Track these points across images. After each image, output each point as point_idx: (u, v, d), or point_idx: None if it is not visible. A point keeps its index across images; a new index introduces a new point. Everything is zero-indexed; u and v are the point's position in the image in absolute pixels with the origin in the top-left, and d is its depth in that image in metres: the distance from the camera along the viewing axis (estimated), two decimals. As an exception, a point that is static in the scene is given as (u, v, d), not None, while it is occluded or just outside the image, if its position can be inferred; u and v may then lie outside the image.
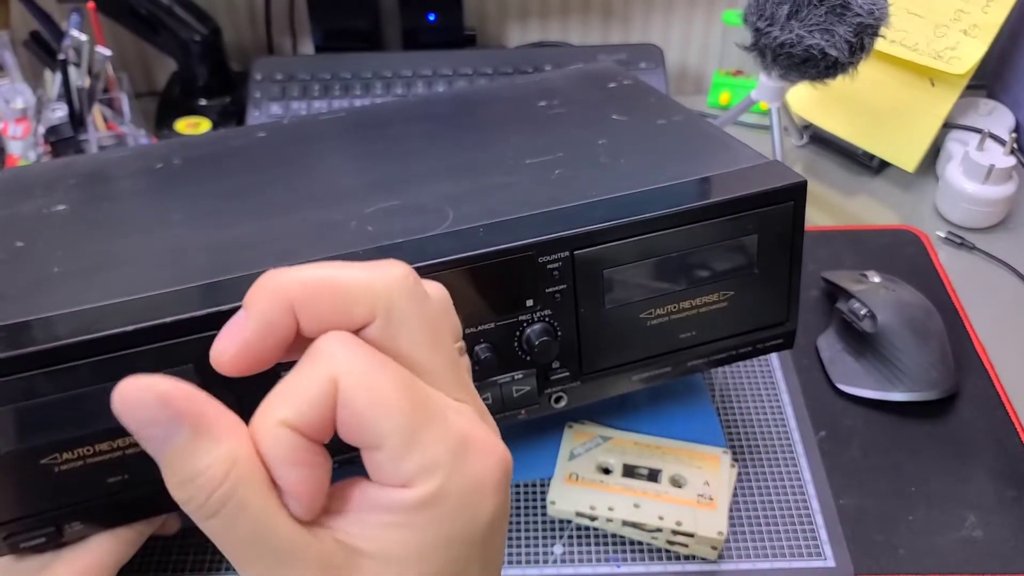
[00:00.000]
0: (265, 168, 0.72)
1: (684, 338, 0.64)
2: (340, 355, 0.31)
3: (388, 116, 0.80)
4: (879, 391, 0.80)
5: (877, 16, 0.87)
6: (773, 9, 0.88)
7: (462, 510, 0.32)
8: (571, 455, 0.73)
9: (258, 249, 0.58)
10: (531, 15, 1.31)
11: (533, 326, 0.59)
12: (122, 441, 0.53)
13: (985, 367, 0.84)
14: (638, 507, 0.69)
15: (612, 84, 0.82)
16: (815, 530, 0.71)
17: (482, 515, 0.33)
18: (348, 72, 1.17)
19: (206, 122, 1.18)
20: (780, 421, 0.79)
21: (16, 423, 0.51)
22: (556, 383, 0.63)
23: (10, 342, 0.50)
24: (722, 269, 0.62)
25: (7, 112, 1.02)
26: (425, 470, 0.32)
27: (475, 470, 0.33)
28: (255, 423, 0.32)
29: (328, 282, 0.32)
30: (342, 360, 0.31)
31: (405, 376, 0.32)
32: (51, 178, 0.73)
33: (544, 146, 0.70)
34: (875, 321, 0.80)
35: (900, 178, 1.11)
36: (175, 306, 0.52)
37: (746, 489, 0.74)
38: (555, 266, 0.58)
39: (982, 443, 0.78)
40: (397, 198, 0.64)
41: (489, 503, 0.33)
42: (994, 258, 0.99)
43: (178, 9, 1.16)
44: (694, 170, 0.63)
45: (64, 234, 0.64)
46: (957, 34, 1.03)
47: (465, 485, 0.32)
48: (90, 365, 0.50)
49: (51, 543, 0.56)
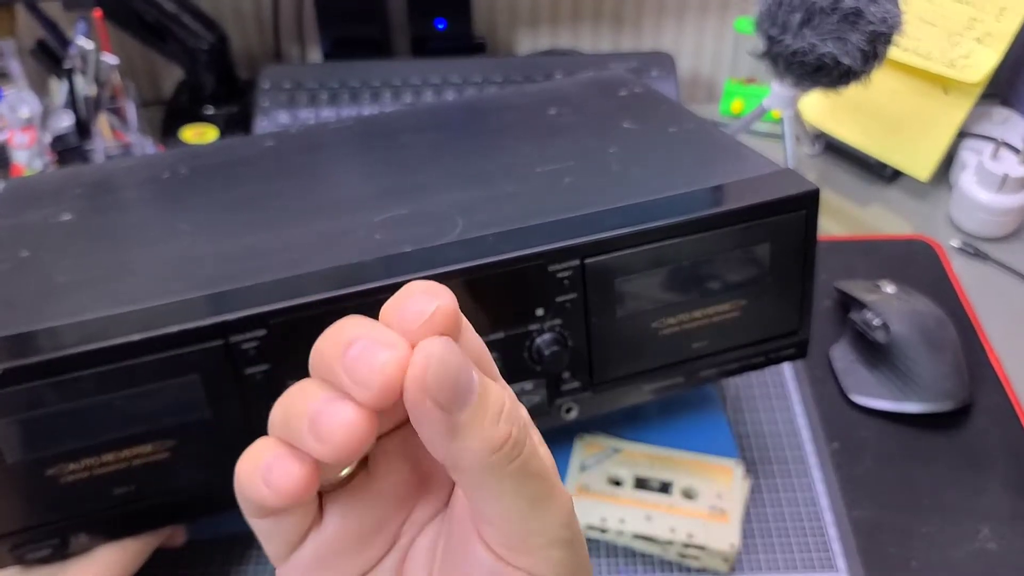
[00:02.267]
0: (273, 177, 0.72)
1: (696, 348, 0.64)
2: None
3: (397, 125, 0.80)
4: (892, 402, 0.79)
5: (890, 24, 0.87)
6: (786, 17, 0.87)
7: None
8: (582, 467, 0.72)
9: (265, 258, 0.58)
10: (541, 22, 1.31)
11: (543, 336, 0.59)
12: (128, 452, 0.53)
13: (999, 378, 0.83)
14: (650, 519, 0.68)
15: (623, 92, 0.81)
16: (828, 542, 0.70)
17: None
18: (357, 80, 1.16)
19: (213, 131, 1.18)
20: (793, 432, 0.78)
21: (22, 433, 0.51)
22: (567, 394, 0.62)
23: (16, 352, 0.50)
24: (734, 278, 0.62)
25: (13, 121, 1.02)
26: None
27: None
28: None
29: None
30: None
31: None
32: (57, 187, 0.73)
33: (555, 154, 0.69)
34: (888, 332, 0.80)
35: (913, 187, 1.10)
36: (182, 316, 0.51)
37: (758, 501, 0.73)
38: (566, 275, 0.57)
39: (996, 455, 0.77)
40: (406, 207, 0.63)
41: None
42: (1008, 268, 0.98)
43: (185, 17, 1.16)
44: (706, 178, 0.63)
45: (70, 244, 0.64)
46: (970, 42, 1.02)
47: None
48: (96, 375, 0.50)
49: (57, 554, 0.56)
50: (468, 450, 0.30)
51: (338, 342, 0.30)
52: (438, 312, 0.30)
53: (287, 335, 0.53)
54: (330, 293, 0.52)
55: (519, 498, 0.32)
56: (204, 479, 0.56)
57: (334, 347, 0.30)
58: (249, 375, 0.53)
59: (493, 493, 0.32)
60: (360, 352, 0.29)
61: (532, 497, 0.33)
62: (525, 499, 0.32)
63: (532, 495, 0.33)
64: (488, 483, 0.32)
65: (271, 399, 0.34)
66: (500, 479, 0.31)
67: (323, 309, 0.52)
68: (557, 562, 0.34)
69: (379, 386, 0.29)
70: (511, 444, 0.31)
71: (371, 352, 0.29)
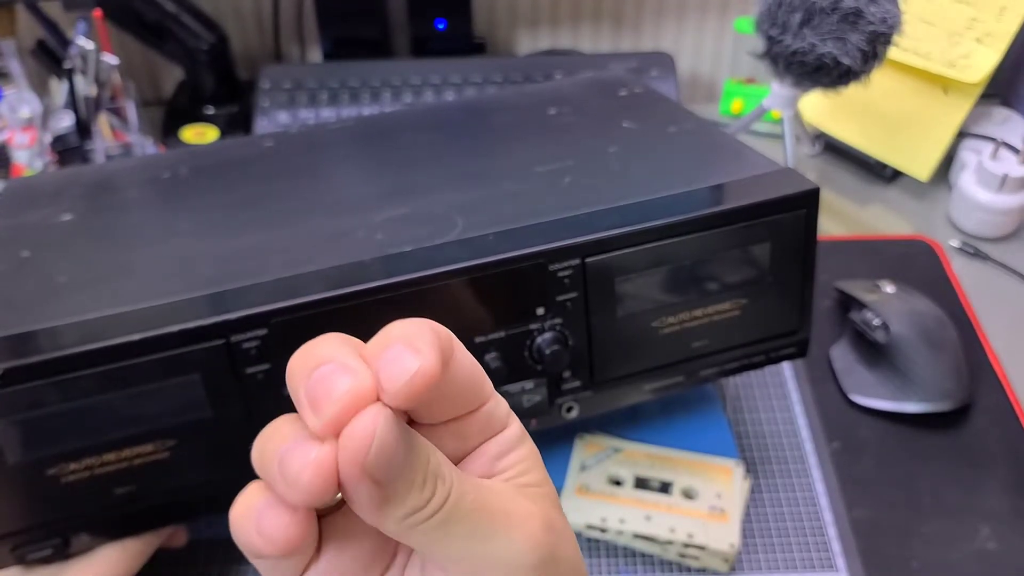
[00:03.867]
0: (273, 177, 0.72)
1: (696, 347, 0.64)
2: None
3: (397, 125, 0.80)
4: (892, 402, 0.79)
5: (890, 24, 0.87)
6: (786, 17, 0.87)
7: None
8: (582, 467, 0.72)
9: (266, 258, 0.58)
10: (541, 23, 1.31)
11: (544, 335, 0.59)
12: (129, 452, 0.53)
13: (999, 378, 0.83)
14: (649, 519, 0.68)
15: (623, 92, 0.81)
16: (827, 542, 0.70)
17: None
18: (357, 80, 1.16)
19: (213, 131, 1.18)
20: (793, 432, 0.78)
21: (23, 433, 0.51)
22: (567, 393, 0.62)
23: (16, 352, 0.50)
24: (734, 277, 0.62)
25: (13, 121, 1.02)
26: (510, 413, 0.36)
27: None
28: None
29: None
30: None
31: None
32: (57, 188, 0.73)
33: (554, 154, 0.69)
34: (888, 331, 0.80)
35: (913, 187, 1.10)
36: (182, 315, 0.51)
37: (758, 501, 0.73)
38: (566, 274, 0.57)
39: (996, 454, 0.77)
40: (406, 207, 0.63)
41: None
42: (1008, 268, 0.98)
43: (185, 17, 1.16)
44: (706, 178, 0.63)
45: (70, 244, 0.64)
46: (970, 42, 1.02)
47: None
48: (97, 375, 0.50)
49: (58, 554, 0.56)
50: (391, 518, 0.30)
51: (306, 363, 0.29)
52: (418, 375, 0.29)
53: (288, 335, 0.53)
54: (331, 292, 0.52)
55: (459, 539, 0.32)
56: (205, 479, 0.56)
57: (301, 367, 0.29)
58: (250, 375, 0.53)
59: (428, 543, 0.31)
60: (324, 374, 0.29)
61: (471, 535, 0.32)
62: (464, 539, 0.32)
63: (470, 534, 0.32)
64: (419, 537, 0.31)
65: (272, 399, 0.34)
66: (427, 532, 0.31)
67: (324, 309, 0.53)
68: None
69: (334, 416, 0.28)
70: (434, 502, 0.31)
71: (333, 378, 0.29)
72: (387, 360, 0.29)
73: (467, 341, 0.57)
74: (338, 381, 0.28)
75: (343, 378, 0.28)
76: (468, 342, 0.57)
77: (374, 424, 0.28)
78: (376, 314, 0.54)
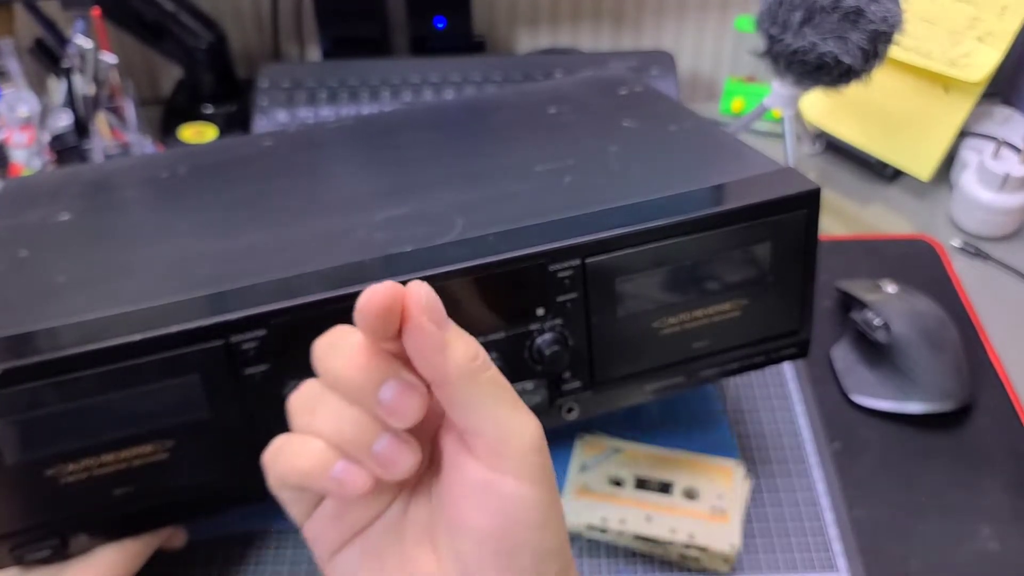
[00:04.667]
0: (272, 177, 0.72)
1: (697, 348, 0.64)
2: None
3: (396, 124, 0.80)
4: (893, 402, 0.79)
5: (891, 23, 0.87)
6: (787, 16, 0.87)
7: None
8: (582, 467, 0.72)
9: (265, 258, 0.58)
10: (541, 21, 1.31)
11: (544, 335, 0.59)
12: (128, 452, 0.53)
13: (1000, 378, 0.83)
14: (650, 520, 0.68)
15: (623, 91, 0.81)
16: (828, 542, 0.70)
17: None
18: (356, 79, 1.16)
19: (212, 130, 1.18)
20: (793, 432, 0.78)
21: (22, 434, 0.51)
22: (567, 393, 0.62)
23: (15, 352, 0.50)
24: (735, 278, 0.62)
25: (11, 120, 1.02)
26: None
27: None
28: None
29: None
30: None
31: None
32: (56, 187, 0.73)
33: (554, 153, 0.69)
34: (889, 331, 0.80)
35: (914, 187, 1.10)
36: (181, 316, 0.51)
37: (759, 501, 0.73)
38: (566, 274, 0.57)
39: (997, 454, 0.77)
40: (406, 206, 0.63)
41: None
42: (1009, 268, 0.98)
43: (184, 16, 1.16)
44: (706, 177, 0.63)
45: (69, 244, 0.64)
46: (972, 41, 1.02)
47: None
48: (95, 375, 0.50)
49: (57, 555, 0.56)
50: (453, 361, 0.39)
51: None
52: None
53: (287, 335, 0.52)
54: (330, 293, 0.52)
55: (498, 403, 0.40)
56: (204, 479, 0.56)
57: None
58: (249, 375, 0.53)
59: (476, 400, 0.40)
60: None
61: (508, 403, 0.41)
62: (502, 404, 0.41)
63: (507, 401, 0.41)
64: (471, 390, 0.40)
65: (271, 399, 0.34)
66: (480, 386, 0.40)
67: (323, 309, 0.52)
68: (536, 464, 0.41)
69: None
70: (482, 357, 0.40)
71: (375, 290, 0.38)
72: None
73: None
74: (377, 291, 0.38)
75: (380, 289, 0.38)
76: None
77: (422, 285, 0.38)
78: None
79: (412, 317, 0.38)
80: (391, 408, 0.39)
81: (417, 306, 0.38)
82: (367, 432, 0.40)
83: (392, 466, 0.40)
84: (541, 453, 0.41)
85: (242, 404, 0.54)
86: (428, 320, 0.38)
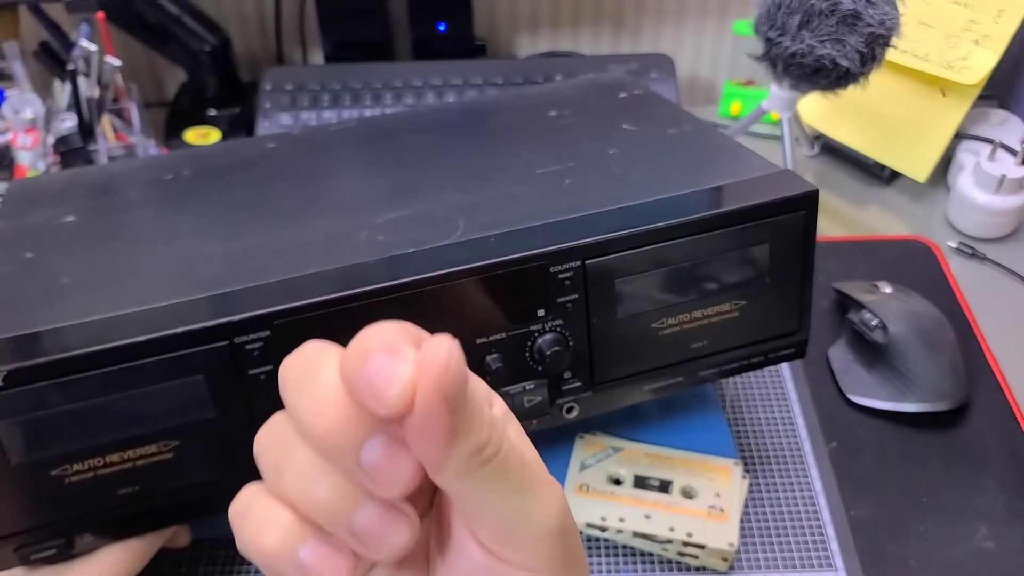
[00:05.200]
0: (275, 179, 0.72)
1: (696, 348, 0.64)
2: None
3: (398, 126, 0.80)
4: (890, 402, 0.80)
5: (888, 26, 0.87)
6: (784, 19, 0.88)
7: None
8: (582, 466, 0.73)
9: (269, 259, 0.58)
10: (541, 25, 1.31)
11: (544, 336, 0.59)
12: (133, 452, 0.53)
13: (996, 378, 0.84)
14: (649, 518, 0.68)
15: (623, 94, 0.82)
16: (826, 541, 0.70)
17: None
18: (358, 82, 1.17)
19: (216, 132, 1.18)
20: (791, 432, 0.79)
21: (27, 434, 0.51)
22: (568, 393, 0.63)
23: (20, 353, 0.50)
24: (734, 279, 0.62)
25: (16, 122, 1.03)
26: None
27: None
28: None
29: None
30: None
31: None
32: (60, 189, 0.73)
33: (555, 156, 0.69)
34: (886, 332, 0.80)
35: (911, 188, 1.11)
36: (186, 317, 0.52)
37: (757, 500, 0.73)
38: (567, 276, 0.57)
39: (994, 454, 0.77)
40: (408, 208, 0.63)
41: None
42: (1005, 269, 0.98)
43: (188, 19, 1.16)
44: (705, 180, 0.63)
45: (74, 245, 0.64)
46: (968, 44, 1.02)
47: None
48: (100, 376, 0.50)
49: (62, 555, 0.56)
50: (456, 456, 0.30)
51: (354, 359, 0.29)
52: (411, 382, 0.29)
53: (291, 336, 0.53)
54: (334, 294, 0.53)
55: (504, 492, 0.33)
56: (208, 479, 0.56)
57: (352, 364, 0.30)
58: (253, 376, 0.53)
59: (480, 491, 0.32)
60: (379, 365, 0.29)
61: (516, 489, 0.33)
62: (510, 492, 0.33)
63: (515, 487, 0.33)
64: (474, 482, 0.32)
65: (275, 400, 0.34)
66: (484, 476, 0.31)
67: (327, 310, 0.53)
68: (548, 553, 0.34)
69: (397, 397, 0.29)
70: (493, 442, 0.31)
71: (390, 364, 0.29)
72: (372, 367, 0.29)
73: (469, 342, 0.58)
74: (397, 366, 0.29)
75: (399, 365, 0.29)
76: (469, 343, 0.58)
77: (450, 347, 0.28)
78: (378, 315, 0.54)
79: (425, 404, 0.29)
80: (375, 473, 0.30)
81: (436, 391, 0.28)
82: (346, 500, 0.32)
83: (378, 545, 0.32)
84: (560, 536, 0.35)
85: (246, 405, 0.54)
86: (447, 409, 0.29)
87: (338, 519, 0.32)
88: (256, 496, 0.34)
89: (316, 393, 0.31)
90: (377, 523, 0.32)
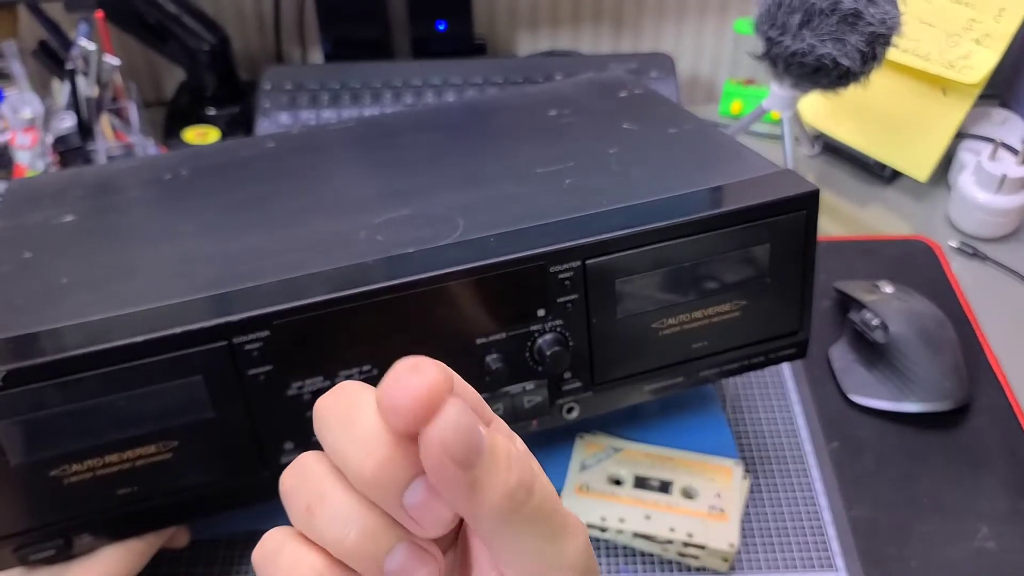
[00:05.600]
0: (274, 178, 0.72)
1: (696, 348, 0.64)
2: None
3: (398, 126, 0.80)
4: (891, 402, 0.79)
5: (889, 25, 0.87)
6: (785, 18, 0.87)
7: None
8: (582, 466, 0.72)
9: (267, 259, 0.58)
10: (541, 24, 1.31)
11: (545, 336, 0.59)
12: (132, 453, 0.53)
13: (998, 378, 0.84)
14: (649, 519, 0.68)
15: (623, 93, 0.82)
16: (827, 542, 0.70)
17: None
18: (358, 81, 1.16)
19: (215, 131, 1.18)
20: (792, 432, 0.78)
21: (26, 434, 0.51)
22: (568, 394, 0.63)
23: (19, 353, 0.50)
24: (734, 279, 0.62)
25: (15, 122, 1.02)
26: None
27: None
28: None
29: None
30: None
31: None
32: (59, 189, 0.73)
33: (555, 155, 0.69)
34: (887, 332, 0.80)
35: (912, 188, 1.11)
36: (185, 317, 0.52)
37: (758, 500, 0.73)
38: (567, 276, 0.57)
39: (995, 454, 0.77)
40: (407, 208, 0.63)
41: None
42: (1007, 268, 0.98)
43: (186, 18, 1.16)
44: (706, 179, 0.63)
45: (73, 245, 0.64)
46: (969, 43, 1.02)
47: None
48: (99, 376, 0.50)
49: (61, 555, 0.56)
50: (487, 503, 0.30)
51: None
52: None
53: (290, 336, 0.53)
54: (332, 294, 0.53)
55: (537, 537, 0.32)
56: (207, 479, 0.56)
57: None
58: (252, 376, 0.53)
59: (512, 536, 0.32)
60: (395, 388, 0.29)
61: (549, 534, 0.33)
62: (543, 537, 0.33)
63: (549, 532, 0.33)
64: (506, 529, 0.32)
65: (274, 400, 0.34)
66: (518, 523, 0.31)
67: (326, 310, 0.53)
68: None
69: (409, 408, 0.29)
70: (524, 489, 0.31)
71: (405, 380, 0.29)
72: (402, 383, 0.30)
73: (468, 342, 0.58)
74: (411, 379, 0.29)
75: (414, 377, 0.29)
76: (469, 343, 0.58)
77: (449, 410, 0.29)
78: (378, 316, 0.54)
79: (433, 467, 0.29)
80: (419, 516, 0.31)
81: (439, 458, 0.29)
82: (379, 542, 0.32)
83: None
84: (584, 573, 0.34)
85: (245, 405, 0.54)
86: (458, 467, 0.29)
87: (371, 562, 0.32)
88: (285, 540, 0.34)
89: (362, 434, 0.31)
90: (408, 564, 0.32)
